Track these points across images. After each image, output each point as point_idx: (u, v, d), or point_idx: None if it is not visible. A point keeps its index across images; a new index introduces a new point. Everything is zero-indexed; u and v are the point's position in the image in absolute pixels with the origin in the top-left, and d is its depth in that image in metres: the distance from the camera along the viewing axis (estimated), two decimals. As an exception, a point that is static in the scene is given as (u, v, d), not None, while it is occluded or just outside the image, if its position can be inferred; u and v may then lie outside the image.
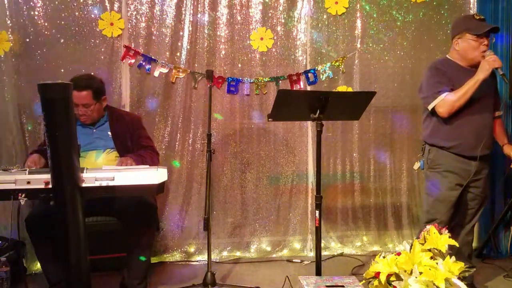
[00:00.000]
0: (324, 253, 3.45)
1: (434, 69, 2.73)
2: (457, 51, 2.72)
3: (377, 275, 1.90)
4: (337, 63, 3.63)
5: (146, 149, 2.89)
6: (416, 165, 2.96)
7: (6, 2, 3.21)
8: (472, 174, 2.68)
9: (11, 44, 3.24)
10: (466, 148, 2.66)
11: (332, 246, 3.70)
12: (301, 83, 3.62)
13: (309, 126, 3.64)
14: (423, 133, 2.87)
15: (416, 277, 1.80)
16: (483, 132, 2.66)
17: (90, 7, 3.35)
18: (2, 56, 3.23)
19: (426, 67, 2.83)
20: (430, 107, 2.70)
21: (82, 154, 2.75)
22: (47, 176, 2.00)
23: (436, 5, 3.65)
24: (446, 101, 2.61)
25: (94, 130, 2.88)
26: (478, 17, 2.67)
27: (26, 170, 2.10)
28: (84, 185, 2.01)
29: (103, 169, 2.14)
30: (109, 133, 2.87)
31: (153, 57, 3.45)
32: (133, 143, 2.90)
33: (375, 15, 3.64)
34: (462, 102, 2.59)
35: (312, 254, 3.61)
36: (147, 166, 2.37)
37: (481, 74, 2.55)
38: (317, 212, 2.49)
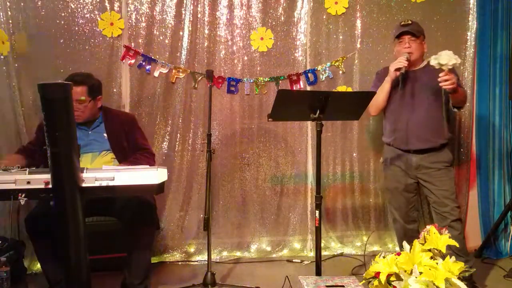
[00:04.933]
0: (324, 253, 3.46)
1: (375, 75, 3.14)
2: (394, 56, 2.99)
3: (377, 275, 1.90)
4: (337, 63, 3.64)
5: (142, 151, 2.88)
6: (381, 160, 3.18)
7: (7, 1, 3.21)
8: (414, 167, 2.89)
9: (12, 44, 3.24)
10: (401, 142, 2.89)
11: (332, 246, 3.70)
12: (301, 83, 3.62)
13: (309, 126, 3.64)
14: None
15: (416, 277, 1.80)
16: (415, 127, 2.84)
17: (90, 7, 3.35)
18: (3, 56, 3.23)
19: None
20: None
21: None
22: (47, 176, 2.00)
23: (436, 5, 3.65)
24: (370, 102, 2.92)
25: (90, 132, 2.86)
26: (403, 23, 2.92)
27: (26, 170, 2.10)
28: (84, 185, 2.01)
29: (103, 169, 2.14)
30: (105, 134, 2.86)
31: (153, 57, 3.45)
32: (128, 143, 2.88)
33: (375, 15, 3.64)
34: (378, 102, 2.91)
35: (312, 254, 3.61)
36: (147, 166, 2.37)
37: (388, 76, 2.86)
38: (317, 212, 2.49)
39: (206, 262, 2.88)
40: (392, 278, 1.87)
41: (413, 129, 2.84)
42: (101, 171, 2.10)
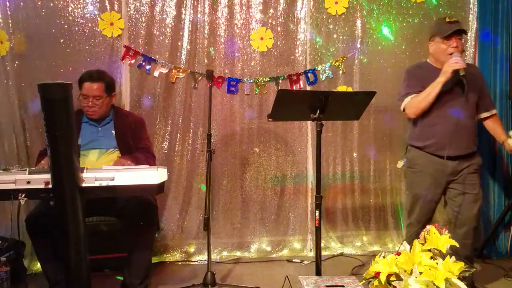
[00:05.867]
0: (324, 253, 3.45)
1: (407, 73, 2.86)
2: (432, 54, 2.80)
3: (377, 275, 1.90)
4: (337, 63, 3.63)
5: (142, 150, 2.89)
6: (400, 164, 3.07)
7: (6, 2, 3.21)
8: (448, 173, 2.72)
9: (12, 44, 3.24)
10: (438, 147, 2.69)
11: (332, 246, 3.70)
12: (301, 83, 3.62)
13: (309, 126, 3.64)
14: (406, 134, 2.95)
15: (416, 277, 1.80)
16: (457, 132, 2.65)
17: (90, 7, 3.35)
18: (3, 56, 3.22)
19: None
20: (401, 108, 2.81)
21: (84, 152, 2.77)
22: (47, 176, 2.00)
23: (436, 5, 3.65)
24: (412, 103, 2.72)
25: (99, 128, 2.89)
26: (448, 20, 2.71)
27: (26, 170, 2.10)
28: (84, 185, 2.01)
29: (103, 169, 2.14)
30: (113, 131, 2.88)
31: (153, 57, 3.45)
32: (133, 143, 2.91)
33: (375, 15, 3.64)
34: (426, 104, 2.67)
35: (312, 254, 3.61)
36: (147, 166, 2.37)
37: (443, 77, 2.60)
38: (317, 212, 2.49)
39: (206, 262, 2.88)
40: (392, 278, 1.87)
41: (457, 134, 2.65)
42: (101, 171, 2.10)
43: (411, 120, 2.85)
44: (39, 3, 3.28)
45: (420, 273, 1.81)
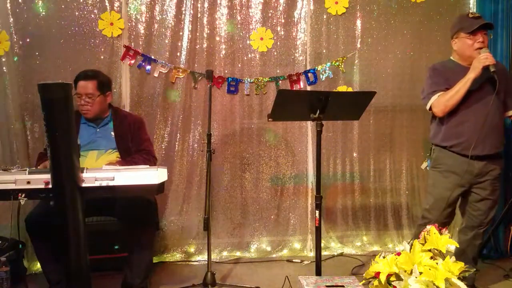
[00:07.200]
0: (324, 253, 3.45)
1: (432, 70, 2.76)
2: (456, 51, 2.74)
3: (377, 275, 1.90)
4: (337, 63, 3.63)
5: (142, 152, 2.89)
6: (424, 165, 2.98)
7: (7, 1, 3.21)
8: (474, 174, 2.66)
9: (11, 44, 3.24)
10: (466, 147, 2.61)
11: (332, 246, 3.70)
12: (301, 83, 3.62)
13: (309, 126, 3.64)
14: (430, 133, 2.88)
15: (416, 277, 1.80)
16: (485, 131, 2.58)
17: (90, 7, 3.35)
18: (2, 55, 3.22)
19: (427, 68, 2.85)
20: (427, 107, 2.73)
21: (83, 153, 2.77)
22: (47, 176, 2.00)
23: (436, 5, 3.65)
24: (439, 101, 2.64)
25: (98, 130, 2.88)
26: (472, 15, 2.66)
27: (26, 170, 2.10)
28: (84, 185, 2.01)
29: (103, 169, 2.14)
30: (112, 133, 2.88)
31: (153, 57, 3.45)
32: (133, 144, 2.90)
33: (375, 15, 3.64)
34: (455, 101, 2.59)
35: (312, 254, 3.61)
36: (147, 166, 2.37)
37: (472, 73, 2.53)
38: (317, 212, 2.49)
39: (206, 262, 2.88)
40: (392, 278, 1.88)
41: (486, 133, 2.58)
42: (101, 171, 2.10)
43: (435, 119, 2.78)
44: (39, 3, 3.28)
45: (420, 273, 1.81)
